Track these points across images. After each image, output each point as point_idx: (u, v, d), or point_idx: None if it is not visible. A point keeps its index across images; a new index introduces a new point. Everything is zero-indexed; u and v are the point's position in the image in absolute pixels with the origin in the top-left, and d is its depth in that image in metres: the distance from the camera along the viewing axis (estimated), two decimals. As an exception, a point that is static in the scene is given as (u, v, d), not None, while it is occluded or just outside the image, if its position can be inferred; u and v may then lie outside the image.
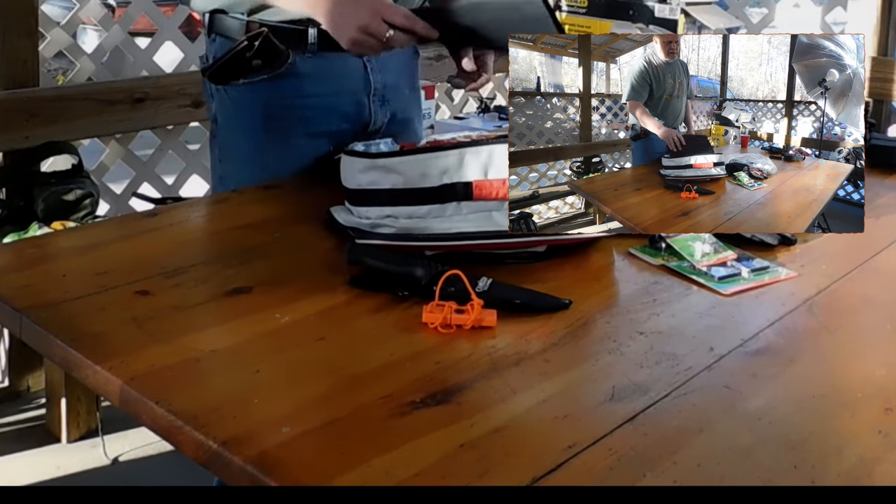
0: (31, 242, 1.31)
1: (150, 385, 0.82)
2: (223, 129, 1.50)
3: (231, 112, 1.47)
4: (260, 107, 1.44)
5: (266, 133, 1.45)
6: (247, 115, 1.45)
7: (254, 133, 1.45)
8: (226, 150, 1.50)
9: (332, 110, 1.46)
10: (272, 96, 1.43)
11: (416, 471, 0.71)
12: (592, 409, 0.83)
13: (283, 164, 1.44)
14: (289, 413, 0.78)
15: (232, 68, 1.42)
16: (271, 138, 1.45)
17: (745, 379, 0.89)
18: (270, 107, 1.44)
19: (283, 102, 1.44)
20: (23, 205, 2.35)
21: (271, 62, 1.41)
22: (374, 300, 1.00)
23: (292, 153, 1.45)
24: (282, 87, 1.43)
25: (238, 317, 0.96)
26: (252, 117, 1.45)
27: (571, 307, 1.00)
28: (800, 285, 1.11)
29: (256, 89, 1.43)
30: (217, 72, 1.43)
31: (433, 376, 0.86)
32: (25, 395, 2.52)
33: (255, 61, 1.40)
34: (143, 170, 2.78)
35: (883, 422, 0.83)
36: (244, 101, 1.45)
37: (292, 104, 1.44)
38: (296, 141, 1.45)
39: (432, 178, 1.12)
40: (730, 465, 0.75)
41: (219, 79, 1.45)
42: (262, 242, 1.17)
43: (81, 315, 0.95)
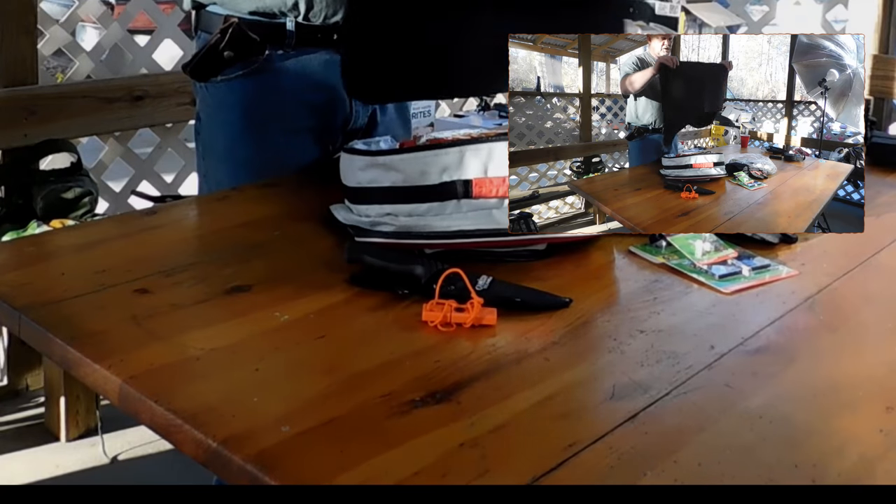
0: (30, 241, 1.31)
1: (150, 383, 0.82)
2: (205, 125, 1.51)
3: (211, 109, 1.48)
4: (237, 103, 1.44)
5: (244, 129, 1.45)
6: (225, 111, 1.45)
7: (232, 129, 1.45)
8: (207, 146, 1.51)
9: (310, 106, 1.45)
10: (249, 92, 1.43)
11: (415, 469, 0.71)
12: (593, 407, 0.83)
13: (261, 160, 1.44)
14: (288, 411, 0.78)
15: (209, 63, 1.42)
16: (249, 134, 1.45)
17: (746, 377, 0.88)
18: (248, 103, 1.44)
19: (260, 98, 1.44)
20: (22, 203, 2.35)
21: (244, 54, 1.40)
22: (374, 298, 1.00)
23: (271, 149, 1.45)
24: (258, 83, 1.42)
25: (237, 315, 0.96)
26: (230, 113, 1.45)
27: (572, 306, 1.00)
28: (801, 284, 1.10)
29: (233, 86, 1.43)
30: (196, 67, 1.44)
31: (433, 375, 0.85)
32: (24, 394, 2.52)
33: (226, 52, 1.39)
34: (143, 168, 2.78)
35: (884, 420, 0.83)
36: (222, 97, 1.45)
37: (270, 100, 1.44)
38: (274, 137, 1.45)
39: (432, 175, 1.12)
40: (730, 464, 0.75)
41: (199, 75, 1.45)
42: (262, 241, 1.16)
43: (80, 313, 0.95)
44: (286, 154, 1.45)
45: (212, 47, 1.40)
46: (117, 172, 2.75)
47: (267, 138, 1.45)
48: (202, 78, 1.45)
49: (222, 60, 1.40)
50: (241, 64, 1.41)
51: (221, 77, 1.43)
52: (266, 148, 1.45)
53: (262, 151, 1.45)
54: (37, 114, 2.38)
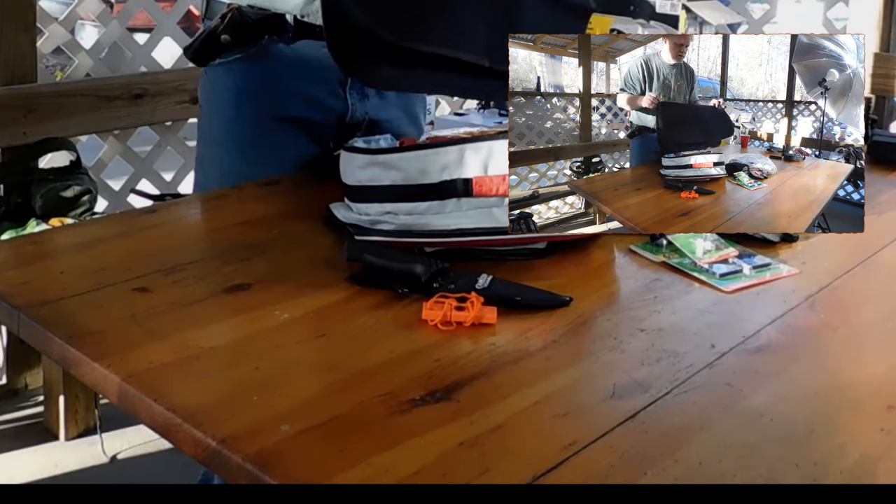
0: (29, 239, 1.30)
1: (149, 382, 0.81)
2: (203, 110, 1.53)
3: (209, 93, 1.50)
4: (233, 87, 1.45)
5: (239, 113, 1.46)
6: (221, 94, 1.47)
7: (227, 112, 1.46)
8: (204, 131, 1.52)
9: (305, 97, 1.45)
10: (244, 76, 1.44)
11: (415, 469, 0.71)
12: (593, 406, 0.83)
13: (255, 146, 1.45)
14: (288, 410, 0.78)
15: (208, 47, 1.44)
16: (243, 119, 1.46)
17: (747, 376, 0.88)
18: (244, 87, 1.45)
19: (255, 83, 1.45)
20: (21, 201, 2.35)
21: (242, 39, 1.42)
22: (374, 297, 1.00)
23: (265, 136, 1.45)
24: (255, 68, 1.44)
25: (237, 314, 0.96)
26: (226, 95, 1.46)
27: (572, 304, 1.00)
28: (801, 282, 1.10)
29: (230, 69, 1.45)
30: (196, 51, 1.46)
31: (433, 374, 0.85)
32: (23, 393, 2.52)
33: (223, 36, 1.41)
34: (142, 166, 2.78)
35: (885, 419, 0.82)
36: (219, 80, 1.47)
37: (265, 86, 1.45)
38: (269, 124, 1.45)
39: (432, 174, 1.12)
40: (731, 463, 0.75)
41: (199, 59, 1.47)
42: (262, 239, 1.16)
43: (79, 312, 0.94)
44: (280, 142, 1.45)
45: (211, 31, 1.42)
46: (116, 171, 2.74)
47: (261, 124, 1.45)
48: (202, 62, 1.47)
49: (220, 45, 1.43)
50: (239, 49, 1.43)
51: (220, 60, 1.45)
52: (260, 134, 1.45)
53: (255, 138, 1.45)
54: (36, 112, 2.38)
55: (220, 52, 1.44)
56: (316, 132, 1.46)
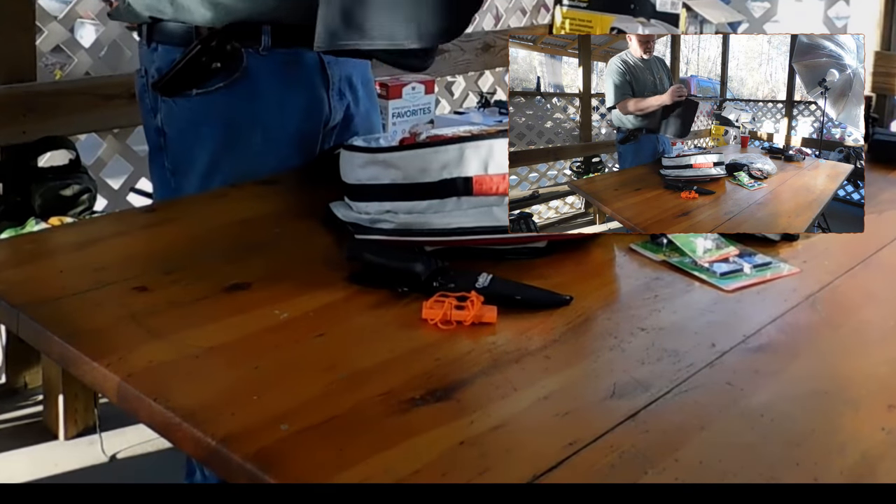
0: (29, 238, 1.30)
1: (148, 382, 0.81)
2: (176, 141, 1.43)
3: (185, 124, 1.41)
4: (219, 117, 1.39)
5: (226, 142, 1.40)
6: (204, 126, 1.39)
7: (213, 144, 1.40)
8: (180, 163, 1.44)
9: (290, 108, 1.42)
10: (229, 103, 1.38)
11: (415, 468, 0.71)
12: (593, 405, 0.83)
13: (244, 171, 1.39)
14: (288, 410, 0.78)
15: (186, 77, 1.36)
16: (231, 147, 1.40)
17: (747, 375, 0.88)
18: (229, 115, 1.39)
19: (240, 107, 1.39)
20: (20, 200, 2.34)
21: (229, 64, 1.36)
22: (374, 296, 1.00)
23: (255, 160, 1.41)
24: (238, 93, 1.37)
25: (236, 313, 0.96)
26: (211, 128, 1.39)
27: (572, 303, 1.00)
28: (802, 281, 1.10)
29: (213, 100, 1.37)
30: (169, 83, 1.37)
31: (433, 373, 0.85)
32: (23, 392, 2.52)
33: (214, 64, 1.34)
34: (141, 165, 2.77)
35: (886, 419, 0.82)
36: (200, 112, 1.39)
37: (250, 108, 1.39)
38: (257, 147, 1.41)
39: (432, 172, 1.12)
40: (732, 463, 0.74)
41: (169, 90, 1.38)
42: (261, 238, 1.16)
43: (79, 311, 0.94)
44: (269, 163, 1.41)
45: (192, 60, 1.35)
46: (116, 169, 2.74)
47: (250, 149, 1.41)
48: (171, 93, 1.38)
49: (204, 72, 1.35)
50: (222, 75, 1.36)
51: (197, 91, 1.37)
52: (249, 159, 1.40)
53: (244, 163, 1.40)
54: (35, 111, 2.37)
55: (200, 81, 1.36)
56: (304, 144, 1.44)
